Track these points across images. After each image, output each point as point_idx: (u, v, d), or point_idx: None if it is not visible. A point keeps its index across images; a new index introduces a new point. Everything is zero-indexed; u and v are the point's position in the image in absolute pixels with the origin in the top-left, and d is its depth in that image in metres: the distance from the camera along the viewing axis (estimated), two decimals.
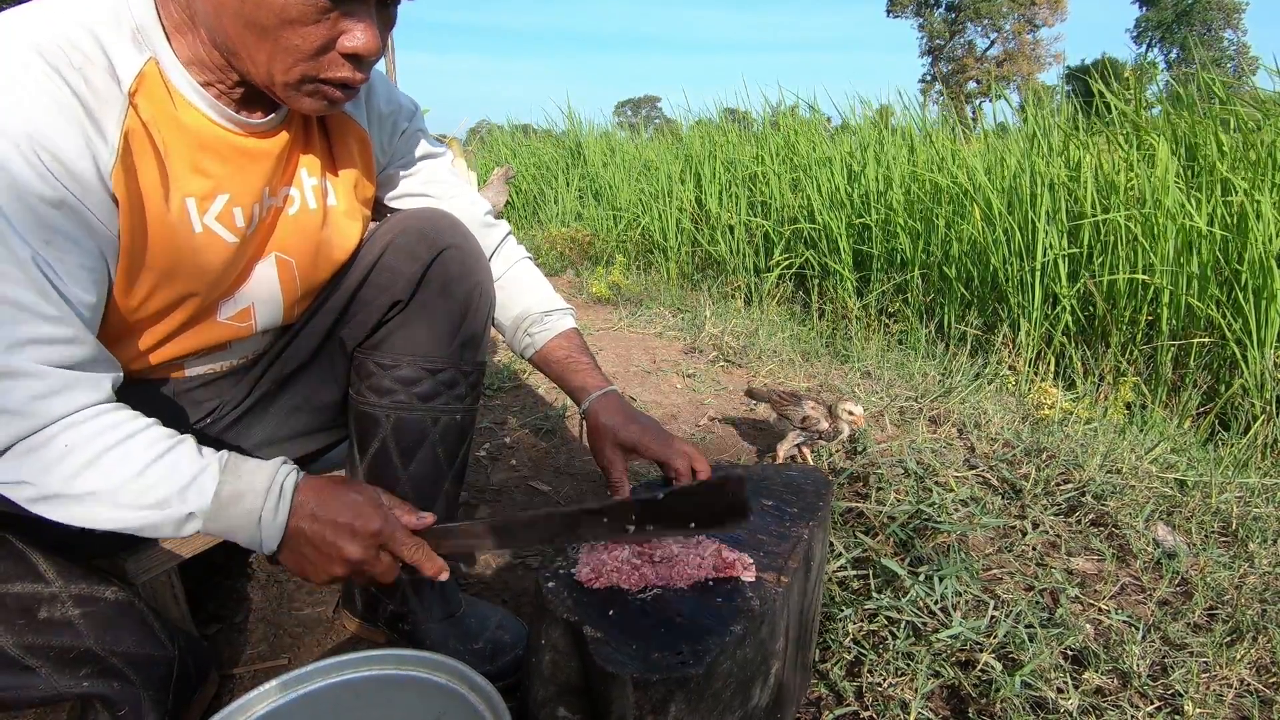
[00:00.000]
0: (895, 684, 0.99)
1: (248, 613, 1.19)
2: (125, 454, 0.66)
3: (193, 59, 0.73)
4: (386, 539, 0.75)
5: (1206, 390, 2.32)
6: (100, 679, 0.77)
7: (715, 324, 2.90)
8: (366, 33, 0.70)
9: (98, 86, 0.66)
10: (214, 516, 0.70)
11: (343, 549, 0.73)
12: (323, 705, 0.80)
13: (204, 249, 0.77)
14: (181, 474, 0.69)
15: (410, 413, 0.97)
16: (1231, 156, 2.56)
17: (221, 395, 0.95)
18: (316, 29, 0.68)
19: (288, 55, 0.69)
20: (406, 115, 1.01)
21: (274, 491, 0.72)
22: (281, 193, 0.85)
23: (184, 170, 0.74)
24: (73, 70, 0.65)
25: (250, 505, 0.71)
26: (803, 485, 1.04)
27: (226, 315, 0.86)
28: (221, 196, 0.78)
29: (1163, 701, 0.99)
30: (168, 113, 0.72)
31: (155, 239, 0.73)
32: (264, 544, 0.73)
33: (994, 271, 2.97)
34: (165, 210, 0.73)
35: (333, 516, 0.73)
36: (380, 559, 0.76)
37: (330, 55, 0.71)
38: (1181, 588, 1.27)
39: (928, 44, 34.94)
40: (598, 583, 0.78)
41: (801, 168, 4.17)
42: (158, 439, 0.69)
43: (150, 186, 0.71)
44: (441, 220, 0.98)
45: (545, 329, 1.09)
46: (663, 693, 0.66)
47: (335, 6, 0.67)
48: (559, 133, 7.43)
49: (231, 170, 0.78)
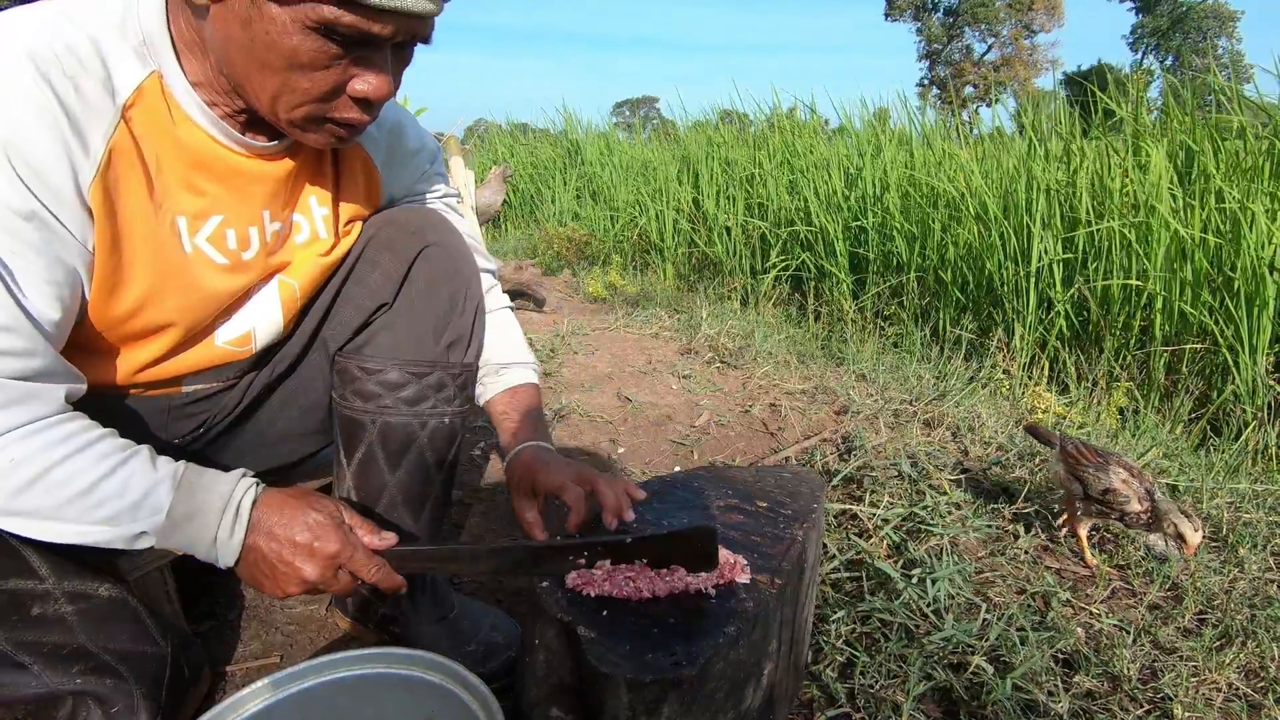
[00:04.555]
0: (887, 686, 1.00)
1: (240, 610, 1.18)
2: (74, 469, 0.65)
3: (200, 79, 0.72)
4: (345, 560, 0.75)
5: (1198, 396, 2.34)
6: (93, 676, 0.77)
7: (711, 325, 2.91)
8: (378, 78, 0.69)
9: (88, 96, 0.65)
10: (167, 534, 0.69)
11: (300, 569, 0.73)
12: (315, 704, 0.80)
13: (193, 269, 0.76)
14: (133, 490, 0.67)
15: (397, 417, 0.95)
16: (1227, 164, 2.58)
17: (215, 407, 0.94)
18: (327, 74, 0.67)
19: (295, 95, 0.68)
20: (429, 157, 1.02)
21: (230, 510, 0.71)
22: (287, 218, 0.84)
23: (177, 188, 0.73)
24: (63, 78, 0.63)
25: (205, 523, 0.70)
26: (797, 487, 1.05)
27: (225, 339, 0.85)
28: (215, 218, 0.77)
29: (1152, 705, 1.00)
30: (164, 129, 0.71)
31: (140, 256, 0.72)
32: (220, 560, 0.72)
33: (989, 276, 2.99)
34: (154, 228, 0.72)
35: (291, 536, 0.73)
36: (338, 578, 0.75)
37: (340, 99, 0.69)
38: (1172, 592, 1.28)
39: (925, 48, 35.03)
40: (588, 590, 0.78)
41: (799, 170, 4.18)
42: (109, 452, 0.68)
43: (135, 203, 0.70)
44: (427, 216, 0.97)
45: (498, 381, 1.06)
46: (656, 694, 0.66)
47: (347, 53, 0.66)
48: (557, 132, 7.43)
49: (227, 191, 0.77)
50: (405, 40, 0.70)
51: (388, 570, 0.78)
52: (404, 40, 0.70)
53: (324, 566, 0.74)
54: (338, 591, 0.77)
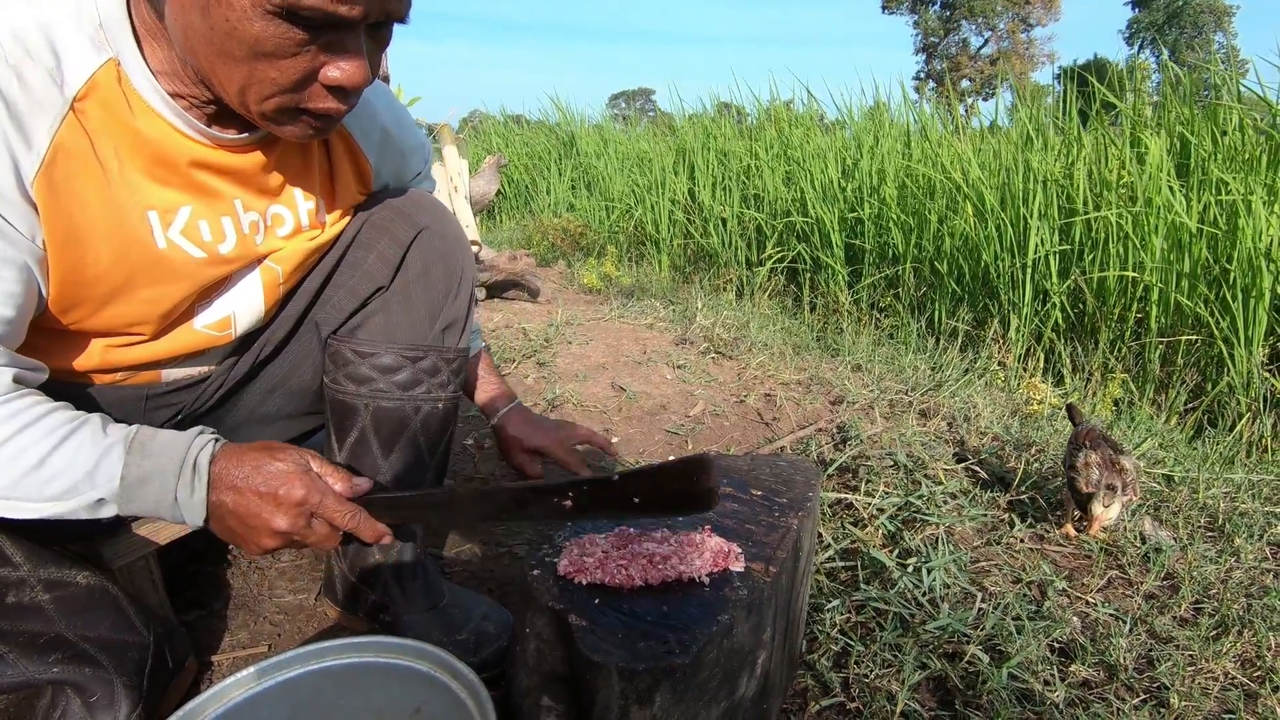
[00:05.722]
0: (882, 675, 0.99)
1: (228, 600, 1.17)
2: (22, 446, 0.63)
3: (163, 69, 0.68)
4: (315, 507, 0.72)
5: (1194, 387, 2.34)
6: (71, 664, 0.75)
7: (707, 316, 2.89)
8: (351, 63, 0.64)
9: (33, 87, 0.62)
10: (127, 499, 0.67)
11: (269, 520, 0.70)
12: (301, 693, 0.78)
13: (168, 264, 0.74)
14: (84, 460, 0.65)
15: (390, 401, 0.94)
16: (1226, 154, 2.57)
17: (195, 394, 0.92)
18: (295, 62, 0.62)
19: (263, 86, 0.63)
20: (423, 158, 1.01)
21: (187, 468, 0.68)
22: (266, 210, 0.82)
23: (141, 181, 0.70)
24: (5, 67, 0.60)
25: (164, 484, 0.68)
26: (792, 476, 1.04)
27: (204, 323, 0.83)
28: (184, 209, 0.74)
29: (1148, 694, 0.99)
30: (122, 121, 0.68)
31: (104, 252, 0.69)
32: (188, 521, 0.70)
33: (985, 267, 2.98)
34: (118, 223, 0.69)
35: (254, 486, 0.70)
36: (313, 527, 0.73)
37: (313, 87, 0.65)
38: (1168, 582, 1.27)
39: (922, 41, 34.97)
40: (580, 578, 0.76)
41: (795, 160, 4.16)
42: (57, 425, 0.65)
43: (93, 198, 0.67)
44: (422, 201, 0.95)
45: None
46: (648, 682, 0.65)
47: (315, 39, 0.61)
48: (552, 123, 7.39)
49: (193, 183, 0.74)
50: (380, 20, 0.65)
51: (365, 516, 0.75)
52: (378, 20, 0.65)
53: (293, 514, 0.71)
54: (318, 543, 0.74)
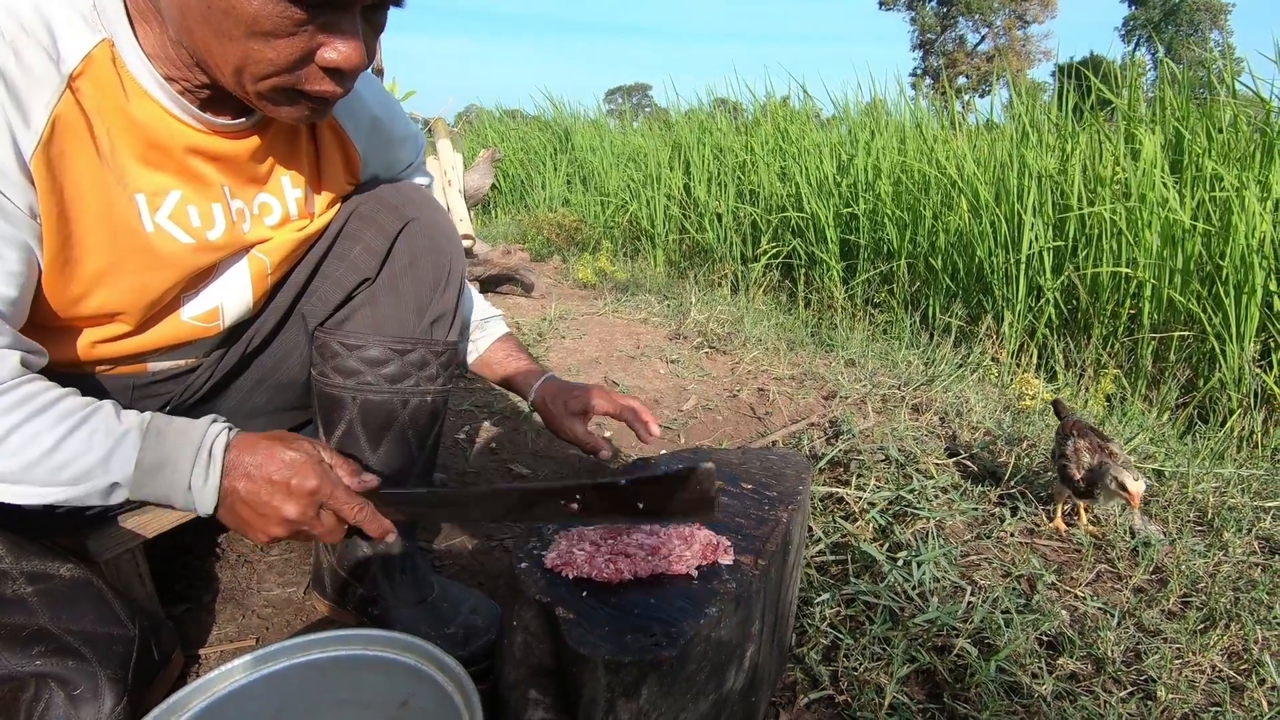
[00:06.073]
0: (871, 668, 0.99)
1: (216, 593, 1.16)
2: (35, 431, 0.63)
3: (157, 52, 0.68)
4: (325, 498, 0.73)
5: (1185, 383, 2.34)
6: (54, 657, 0.74)
7: (701, 310, 2.89)
8: (348, 44, 0.64)
9: (30, 64, 0.62)
10: (140, 484, 0.67)
11: (280, 508, 0.71)
12: (288, 685, 0.78)
13: (155, 248, 0.74)
14: (98, 446, 0.66)
15: (377, 394, 0.93)
16: (1220, 150, 2.57)
17: (182, 385, 0.92)
18: (291, 42, 0.62)
19: (260, 66, 0.63)
20: (414, 149, 1.00)
21: (202, 454, 0.69)
22: (253, 198, 0.81)
23: (132, 165, 0.70)
24: (3, 43, 0.60)
25: (178, 470, 0.68)
26: (783, 469, 1.03)
27: (192, 314, 0.82)
28: (174, 194, 0.74)
29: (1135, 687, 0.99)
30: (116, 103, 0.67)
31: (94, 233, 0.69)
32: (199, 508, 0.70)
33: (979, 263, 2.98)
34: (108, 205, 0.69)
35: (268, 475, 0.71)
36: (321, 519, 0.74)
37: (309, 68, 0.65)
38: (1157, 575, 1.28)
39: (919, 38, 34.94)
40: (567, 572, 0.76)
41: (791, 155, 4.15)
42: (71, 410, 0.66)
43: (87, 178, 0.67)
44: (410, 192, 0.95)
45: (485, 335, 1.17)
46: (635, 675, 0.64)
47: (313, 19, 0.61)
48: (548, 118, 7.36)
49: (183, 167, 0.74)
50: (375, 2, 0.66)
51: (372, 511, 0.76)
52: (375, 3, 0.66)
53: (304, 504, 0.72)
54: (323, 534, 0.75)
